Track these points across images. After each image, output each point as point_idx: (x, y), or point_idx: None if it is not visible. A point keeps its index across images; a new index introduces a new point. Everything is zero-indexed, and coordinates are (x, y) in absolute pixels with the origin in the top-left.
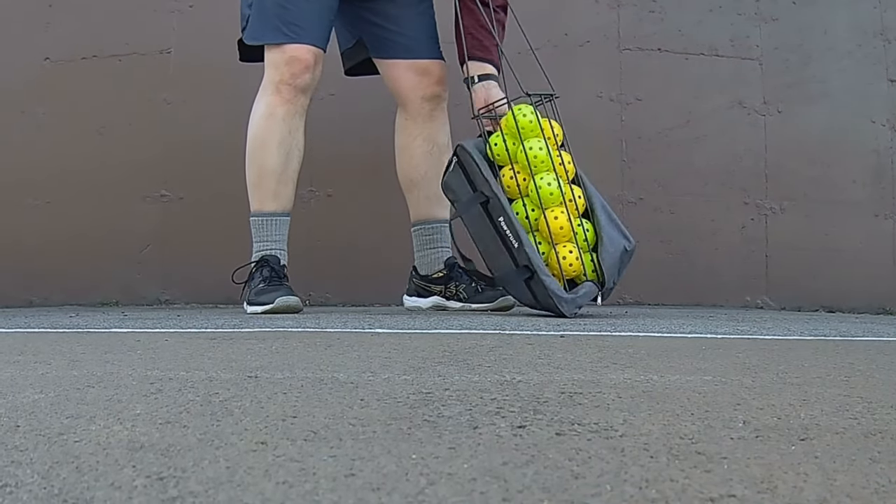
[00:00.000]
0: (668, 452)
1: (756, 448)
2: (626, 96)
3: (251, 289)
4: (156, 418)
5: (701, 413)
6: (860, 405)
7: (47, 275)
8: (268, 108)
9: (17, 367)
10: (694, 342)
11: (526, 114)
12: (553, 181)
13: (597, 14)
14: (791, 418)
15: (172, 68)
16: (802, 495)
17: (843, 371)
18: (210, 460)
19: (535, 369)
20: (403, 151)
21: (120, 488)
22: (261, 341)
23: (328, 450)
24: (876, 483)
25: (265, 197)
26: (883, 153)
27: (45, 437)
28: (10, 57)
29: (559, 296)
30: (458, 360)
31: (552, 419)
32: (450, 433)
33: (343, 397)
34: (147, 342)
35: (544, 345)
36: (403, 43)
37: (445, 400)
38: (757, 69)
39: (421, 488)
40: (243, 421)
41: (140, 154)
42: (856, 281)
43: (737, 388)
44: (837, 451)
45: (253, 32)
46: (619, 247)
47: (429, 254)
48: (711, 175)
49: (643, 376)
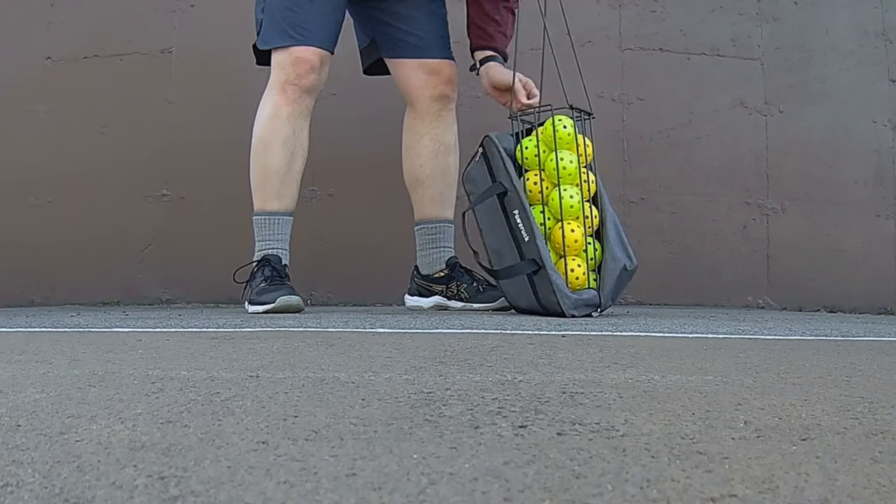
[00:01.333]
0: (669, 452)
1: (757, 448)
2: (627, 96)
3: (252, 288)
4: (157, 417)
5: (702, 413)
6: (862, 405)
7: (48, 274)
8: (273, 109)
9: (19, 367)
10: (695, 342)
11: (566, 125)
12: (576, 195)
13: (598, 14)
14: (792, 418)
15: (174, 68)
16: (804, 495)
17: (844, 371)
18: (211, 460)
19: (536, 369)
20: (410, 150)
21: (121, 487)
22: (262, 341)
23: (329, 449)
24: (877, 483)
25: (268, 196)
26: (884, 153)
27: (46, 437)
28: (12, 56)
29: (563, 291)
30: (459, 359)
31: (553, 419)
32: (451, 433)
33: (344, 397)
34: (148, 341)
35: (546, 344)
36: (413, 42)
37: (447, 399)
38: (758, 69)
39: (422, 488)
40: (244, 420)
41: (141, 153)
42: (857, 281)
43: (738, 388)
44: (839, 451)
45: (264, 37)
46: (619, 265)
47: (431, 253)
48: (713, 175)
49: (644, 376)
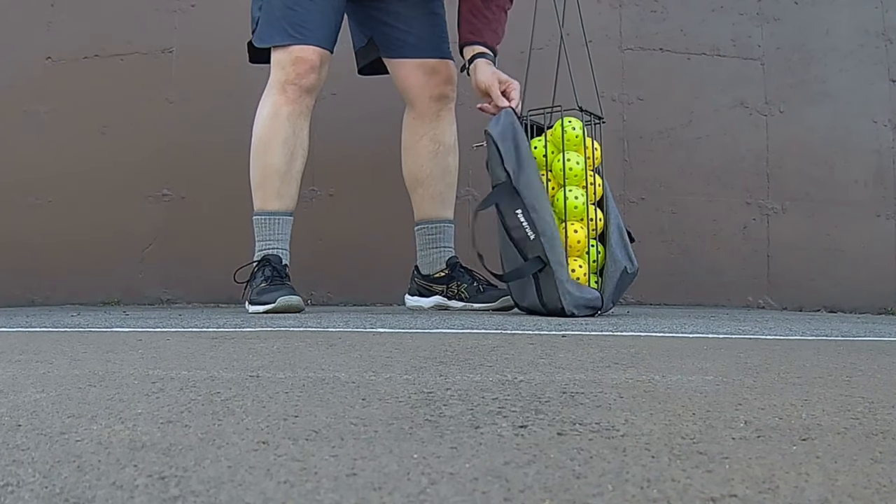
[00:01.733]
0: (669, 452)
1: (758, 448)
2: (627, 96)
3: (253, 288)
4: (157, 417)
5: (702, 413)
6: (862, 405)
7: (49, 274)
8: (273, 108)
9: (19, 366)
10: (695, 342)
11: (575, 127)
12: (581, 196)
13: (599, 14)
14: (793, 418)
15: (174, 67)
16: (804, 495)
17: (844, 371)
18: (211, 459)
19: (536, 369)
20: (409, 150)
21: (121, 487)
22: (262, 340)
23: (330, 449)
24: (878, 483)
25: (268, 196)
26: (885, 153)
27: (46, 437)
28: (12, 56)
29: (565, 288)
30: (459, 359)
31: (554, 419)
32: (451, 433)
33: (345, 397)
34: (149, 341)
35: (546, 344)
36: (412, 42)
37: (447, 399)
38: (759, 69)
39: (422, 488)
40: (245, 420)
41: (142, 153)
42: (858, 281)
43: (738, 388)
44: (839, 451)
45: (261, 35)
46: (620, 267)
47: (431, 253)
48: (713, 175)
49: (645, 376)
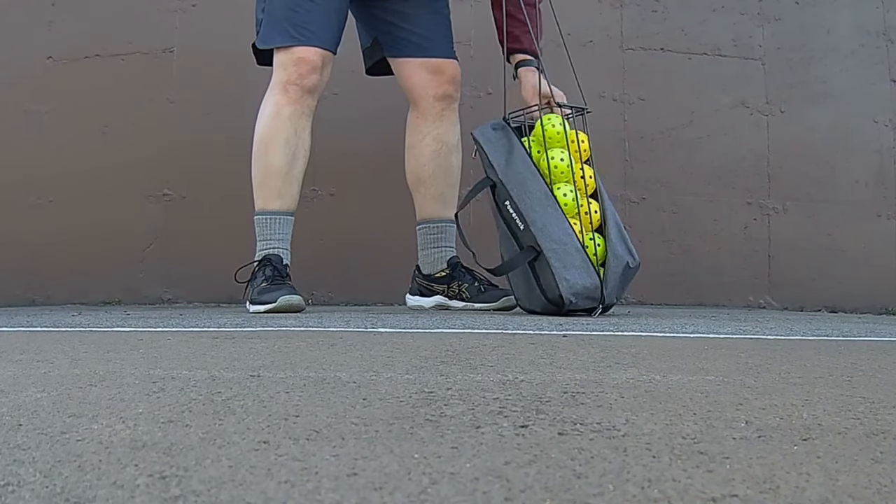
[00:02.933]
0: (670, 452)
1: (758, 448)
2: (628, 96)
3: (254, 288)
4: (158, 417)
5: (703, 413)
6: (863, 405)
7: (50, 273)
8: (275, 108)
9: (20, 366)
10: (696, 342)
11: (555, 124)
12: (570, 192)
13: (600, 14)
14: (793, 418)
15: (175, 67)
16: (805, 495)
17: (845, 371)
18: (212, 459)
19: (537, 369)
20: (412, 150)
21: (122, 487)
22: (263, 340)
23: (330, 449)
24: (878, 483)
25: (270, 196)
26: (886, 153)
27: (47, 436)
28: (13, 55)
29: (561, 275)
30: (460, 359)
31: (554, 419)
32: (452, 433)
33: (345, 396)
34: (149, 341)
35: (547, 344)
36: (416, 42)
37: (448, 399)
38: (760, 69)
39: (423, 487)
40: (246, 420)
41: (143, 153)
42: (858, 281)
43: (739, 388)
44: (840, 451)
45: (264, 36)
46: (622, 263)
47: (432, 253)
48: (714, 175)
49: (646, 376)
